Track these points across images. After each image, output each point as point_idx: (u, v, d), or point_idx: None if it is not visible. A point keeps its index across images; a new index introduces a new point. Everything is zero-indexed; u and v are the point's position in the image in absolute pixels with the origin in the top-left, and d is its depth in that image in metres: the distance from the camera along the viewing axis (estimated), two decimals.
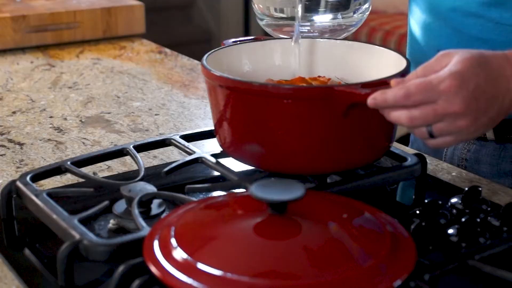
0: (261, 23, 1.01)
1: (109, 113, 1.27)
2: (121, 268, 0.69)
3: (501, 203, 0.92)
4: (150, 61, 1.59)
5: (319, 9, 0.98)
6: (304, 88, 0.85)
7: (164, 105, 1.31)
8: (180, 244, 0.68)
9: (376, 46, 1.00)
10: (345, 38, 1.03)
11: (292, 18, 0.96)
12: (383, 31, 3.29)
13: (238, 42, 1.01)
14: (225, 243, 0.69)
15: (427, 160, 1.06)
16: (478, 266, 0.71)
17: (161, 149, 1.06)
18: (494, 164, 1.07)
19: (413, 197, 0.96)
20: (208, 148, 1.01)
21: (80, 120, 1.23)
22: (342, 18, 0.99)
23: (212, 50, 0.95)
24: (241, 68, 0.99)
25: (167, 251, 0.68)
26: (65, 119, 1.24)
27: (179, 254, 0.67)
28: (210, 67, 0.89)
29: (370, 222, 0.73)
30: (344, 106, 0.82)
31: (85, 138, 1.15)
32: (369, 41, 3.33)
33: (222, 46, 0.98)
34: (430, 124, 0.79)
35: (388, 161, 0.99)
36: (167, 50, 1.68)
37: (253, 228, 0.69)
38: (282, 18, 1.01)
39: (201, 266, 0.65)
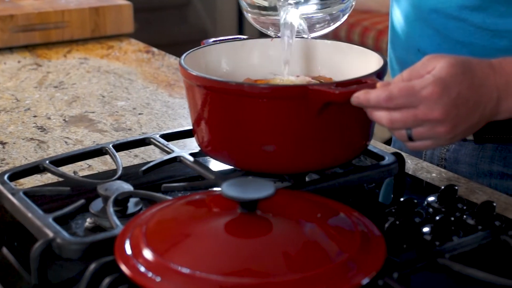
0: (247, 15, 1.01)
1: (93, 112, 1.27)
2: (92, 266, 0.69)
3: (478, 201, 0.92)
4: (137, 61, 1.60)
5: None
6: (279, 87, 0.85)
7: (148, 104, 1.31)
8: (151, 243, 0.68)
9: (356, 46, 1.00)
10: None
11: (276, 9, 0.96)
12: (376, 31, 3.30)
13: (218, 42, 1.01)
14: (195, 242, 0.69)
15: (407, 160, 1.07)
16: (448, 265, 0.72)
17: (142, 148, 1.07)
18: (473, 164, 1.07)
19: (392, 196, 0.96)
20: (191, 147, 1.01)
21: (64, 120, 1.23)
22: (329, 7, 0.99)
23: (191, 50, 0.96)
24: (220, 67, 0.99)
25: (137, 250, 0.68)
26: (49, 118, 1.24)
27: (149, 252, 0.67)
28: (188, 67, 0.89)
29: (342, 221, 0.74)
30: (318, 105, 0.82)
31: (67, 138, 1.16)
32: (362, 40, 3.33)
33: (201, 46, 0.99)
34: (410, 128, 0.80)
35: (369, 160, 1.00)
36: (155, 50, 1.68)
37: (224, 227, 0.69)
38: (266, 8, 1.00)
39: (170, 264, 0.65)
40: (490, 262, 0.76)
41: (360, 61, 0.97)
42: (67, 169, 1.01)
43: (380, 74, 0.87)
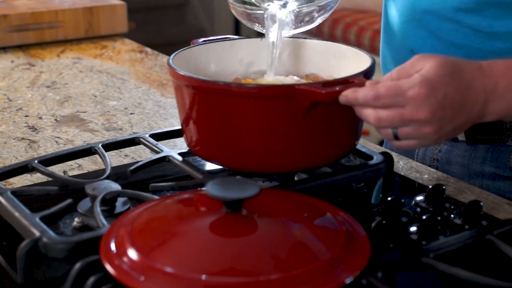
0: (232, 10, 1.00)
1: (84, 112, 1.27)
2: (77, 265, 0.70)
3: (466, 201, 0.92)
4: (130, 61, 1.60)
5: None
6: (266, 87, 0.85)
7: (140, 104, 1.31)
8: (135, 242, 0.68)
9: (345, 46, 1.00)
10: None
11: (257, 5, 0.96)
12: (372, 30, 3.30)
13: (207, 42, 1.02)
14: (180, 241, 0.69)
15: (398, 160, 1.07)
16: (432, 264, 0.72)
17: (133, 148, 1.07)
18: (465, 165, 1.07)
19: (381, 196, 0.96)
20: (182, 147, 1.01)
21: (55, 119, 1.24)
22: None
23: (180, 50, 0.96)
24: (209, 67, 0.99)
25: (122, 249, 0.68)
26: (41, 118, 1.24)
27: (133, 252, 0.67)
28: (177, 67, 0.89)
29: (327, 220, 0.74)
30: (306, 105, 0.82)
31: (58, 137, 1.16)
32: (358, 40, 3.33)
33: (190, 46, 0.99)
34: (396, 127, 0.80)
35: (359, 160, 1.00)
36: (148, 50, 1.68)
37: (208, 226, 0.70)
38: (251, 3, 0.99)
39: (154, 264, 0.65)
40: (475, 261, 0.76)
41: (349, 61, 0.98)
42: (57, 169, 1.02)
43: (367, 74, 0.87)
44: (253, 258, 0.67)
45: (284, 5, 0.94)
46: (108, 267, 0.67)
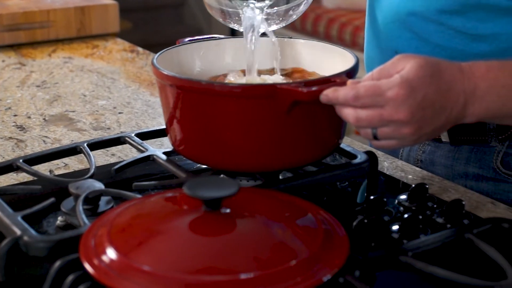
0: (208, 8, 1.00)
1: (73, 111, 1.28)
2: (57, 264, 0.70)
3: (449, 200, 0.93)
4: (121, 60, 1.60)
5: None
6: (248, 86, 0.86)
7: (129, 103, 1.32)
8: (114, 241, 0.68)
9: (330, 45, 1.01)
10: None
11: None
12: None
13: (193, 41, 1.02)
14: (159, 240, 0.70)
15: (384, 159, 1.08)
16: (410, 262, 0.72)
17: (120, 147, 1.07)
18: (449, 166, 1.08)
19: (365, 195, 0.97)
20: (169, 145, 1.01)
21: (44, 119, 1.24)
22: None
23: (164, 49, 0.96)
24: (194, 67, 0.99)
25: (101, 248, 0.68)
26: (29, 117, 1.25)
27: (112, 251, 0.67)
28: (162, 66, 0.89)
29: (306, 219, 0.74)
30: (287, 104, 0.83)
31: (46, 136, 1.16)
32: (353, 39, 3.34)
33: (175, 45, 0.99)
34: (376, 127, 0.80)
35: (344, 159, 1.00)
36: (140, 49, 1.68)
37: (188, 225, 0.70)
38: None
39: (133, 263, 0.66)
40: (454, 260, 0.76)
41: (334, 60, 0.98)
42: (43, 168, 1.02)
43: (350, 73, 0.87)
44: (232, 256, 0.67)
45: (260, 8, 0.94)
46: (87, 265, 0.67)
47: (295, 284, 0.65)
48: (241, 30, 0.96)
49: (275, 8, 0.95)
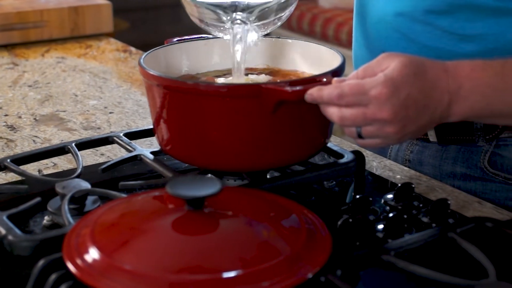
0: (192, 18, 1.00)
1: (64, 111, 1.28)
2: (40, 263, 0.70)
3: (435, 199, 0.93)
4: (114, 60, 1.60)
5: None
6: (233, 86, 0.86)
7: (120, 103, 1.32)
8: (97, 241, 0.69)
9: (317, 44, 1.01)
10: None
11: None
12: None
13: (181, 41, 1.02)
14: (142, 240, 0.70)
15: (373, 158, 1.08)
16: (392, 261, 0.72)
17: (109, 147, 1.07)
18: (436, 165, 1.08)
19: (353, 194, 0.97)
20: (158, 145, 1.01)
21: (34, 118, 1.24)
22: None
23: (152, 49, 0.96)
24: (181, 67, 1.00)
25: (84, 247, 0.69)
26: (20, 117, 1.25)
27: (94, 250, 0.68)
28: (149, 66, 0.90)
29: (290, 218, 0.75)
30: (272, 104, 0.83)
31: (36, 136, 1.16)
32: (349, 39, 3.33)
33: (163, 45, 0.99)
34: (360, 126, 0.81)
35: (332, 159, 1.00)
36: (133, 49, 1.69)
37: (170, 225, 0.70)
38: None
39: (115, 262, 0.66)
40: (437, 259, 0.76)
41: (322, 60, 0.98)
42: (32, 168, 1.02)
43: (335, 73, 0.87)
44: (214, 255, 0.68)
45: (245, 19, 0.94)
46: (69, 264, 0.67)
47: (276, 283, 0.65)
48: (220, 35, 0.96)
49: (262, 21, 0.95)
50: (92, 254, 0.67)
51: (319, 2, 3.76)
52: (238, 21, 0.92)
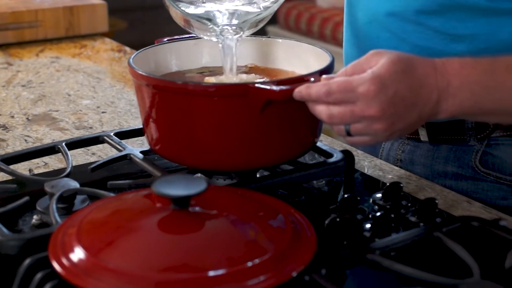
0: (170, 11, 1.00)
1: (57, 111, 1.28)
2: (27, 262, 0.70)
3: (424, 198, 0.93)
4: (108, 60, 1.61)
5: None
6: (221, 85, 0.86)
7: (112, 103, 1.32)
8: (82, 240, 0.69)
9: (307, 44, 1.01)
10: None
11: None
12: None
13: (172, 41, 1.02)
14: (127, 239, 0.70)
15: (363, 158, 1.08)
16: (377, 260, 0.72)
17: (100, 146, 1.08)
18: (428, 165, 1.08)
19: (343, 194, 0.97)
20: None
21: (27, 118, 1.24)
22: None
23: (142, 49, 0.97)
24: (170, 66, 1.00)
25: (70, 246, 0.69)
26: (12, 117, 1.25)
27: (80, 249, 0.68)
28: (138, 66, 0.90)
29: (275, 218, 0.75)
30: (260, 103, 0.83)
31: (28, 136, 1.17)
32: None
33: (153, 45, 1.00)
34: (348, 123, 0.81)
35: (323, 158, 1.00)
36: (127, 49, 1.69)
37: (156, 224, 0.70)
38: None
39: (100, 262, 0.66)
40: (423, 258, 0.77)
41: (311, 59, 0.98)
42: (23, 167, 1.03)
43: (324, 72, 0.87)
44: (200, 254, 0.68)
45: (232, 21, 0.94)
46: (55, 263, 0.67)
47: (261, 281, 0.65)
48: (207, 38, 0.96)
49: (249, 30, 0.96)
50: (78, 253, 0.68)
51: (317, 1, 3.76)
52: (227, 29, 0.93)
